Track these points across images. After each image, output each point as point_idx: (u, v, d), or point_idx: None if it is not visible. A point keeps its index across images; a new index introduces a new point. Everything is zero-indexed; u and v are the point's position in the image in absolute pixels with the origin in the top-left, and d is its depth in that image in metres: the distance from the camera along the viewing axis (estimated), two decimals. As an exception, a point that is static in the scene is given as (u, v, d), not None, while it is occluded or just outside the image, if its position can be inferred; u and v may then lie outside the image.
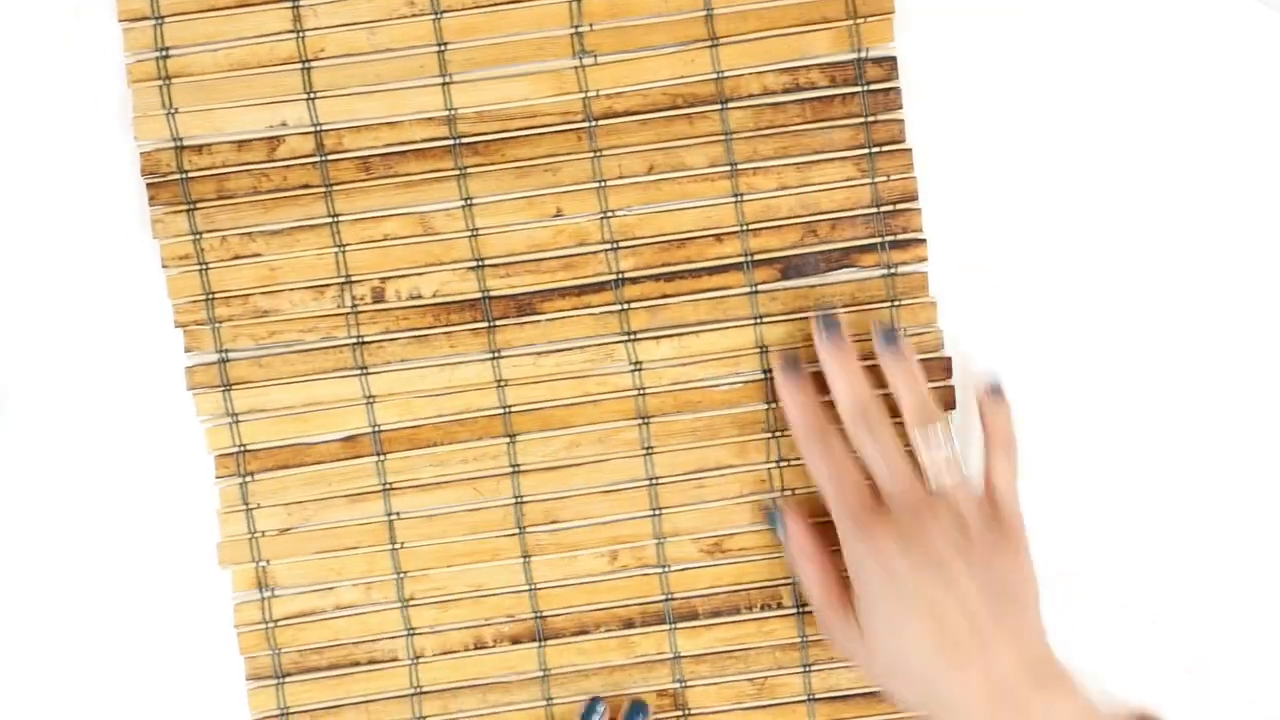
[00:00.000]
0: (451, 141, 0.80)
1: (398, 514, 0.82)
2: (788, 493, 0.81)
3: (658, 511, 0.82)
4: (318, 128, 0.79)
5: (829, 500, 0.77)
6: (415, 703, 0.82)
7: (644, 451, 0.81)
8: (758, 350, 0.81)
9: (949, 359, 0.81)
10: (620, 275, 0.81)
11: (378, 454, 0.81)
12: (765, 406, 0.81)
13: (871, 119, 0.80)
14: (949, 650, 0.72)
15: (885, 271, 0.80)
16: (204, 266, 0.80)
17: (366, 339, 0.81)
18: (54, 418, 0.82)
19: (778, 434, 0.81)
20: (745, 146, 0.80)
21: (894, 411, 0.78)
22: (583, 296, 0.81)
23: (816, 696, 0.82)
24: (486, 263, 0.80)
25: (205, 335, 0.81)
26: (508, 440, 0.81)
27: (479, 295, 0.81)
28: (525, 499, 0.82)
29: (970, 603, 0.72)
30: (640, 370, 0.81)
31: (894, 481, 0.75)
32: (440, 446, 0.81)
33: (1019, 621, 0.73)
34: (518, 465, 0.81)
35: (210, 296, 0.80)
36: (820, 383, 0.79)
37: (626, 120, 0.80)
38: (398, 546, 0.82)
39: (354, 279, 0.80)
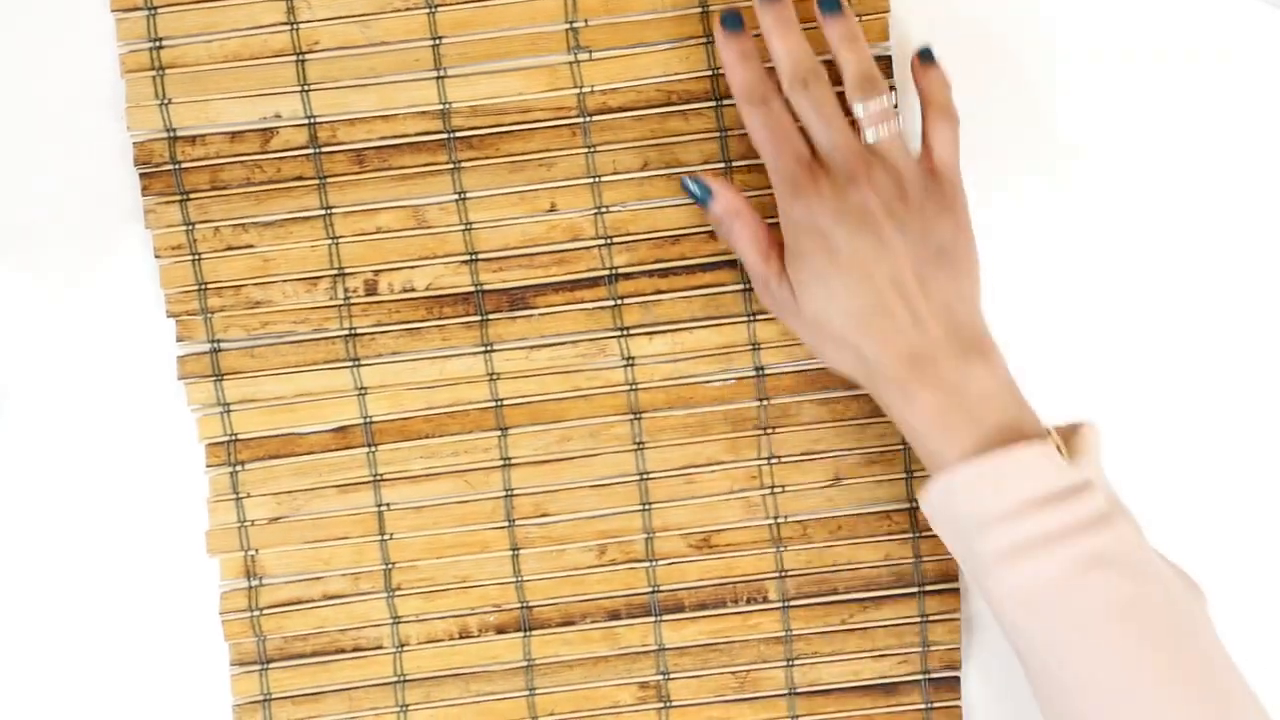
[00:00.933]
0: (445, 135, 0.79)
1: (388, 505, 0.82)
2: (779, 490, 0.82)
3: (647, 506, 0.82)
4: (312, 120, 0.79)
5: (768, 165, 0.75)
6: (398, 690, 0.83)
7: (635, 447, 0.82)
8: (750, 347, 0.81)
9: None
10: (613, 271, 0.81)
11: (368, 445, 0.82)
12: (757, 403, 0.81)
13: (866, 118, 0.79)
14: (877, 314, 0.72)
15: (878, 271, 0.80)
16: (197, 257, 0.80)
17: (359, 331, 0.81)
18: (46, 406, 0.82)
19: (769, 431, 0.81)
20: (740, 143, 0.79)
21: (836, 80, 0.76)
22: (575, 291, 0.81)
23: (798, 691, 0.83)
24: (479, 257, 0.80)
25: (197, 325, 0.80)
26: (499, 433, 0.82)
27: (472, 289, 0.80)
28: (515, 492, 0.82)
29: (902, 267, 0.72)
30: (632, 366, 0.81)
31: (832, 144, 0.74)
32: (431, 439, 0.82)
33: (952, 287, 0.73)
34: (508, 459, 0.82)
35: (203, 287, 0.80)
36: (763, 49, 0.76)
37: (621, 116, 0.79)
38: (387, 538, 0.82)
39: (347, 271, 0.80)
